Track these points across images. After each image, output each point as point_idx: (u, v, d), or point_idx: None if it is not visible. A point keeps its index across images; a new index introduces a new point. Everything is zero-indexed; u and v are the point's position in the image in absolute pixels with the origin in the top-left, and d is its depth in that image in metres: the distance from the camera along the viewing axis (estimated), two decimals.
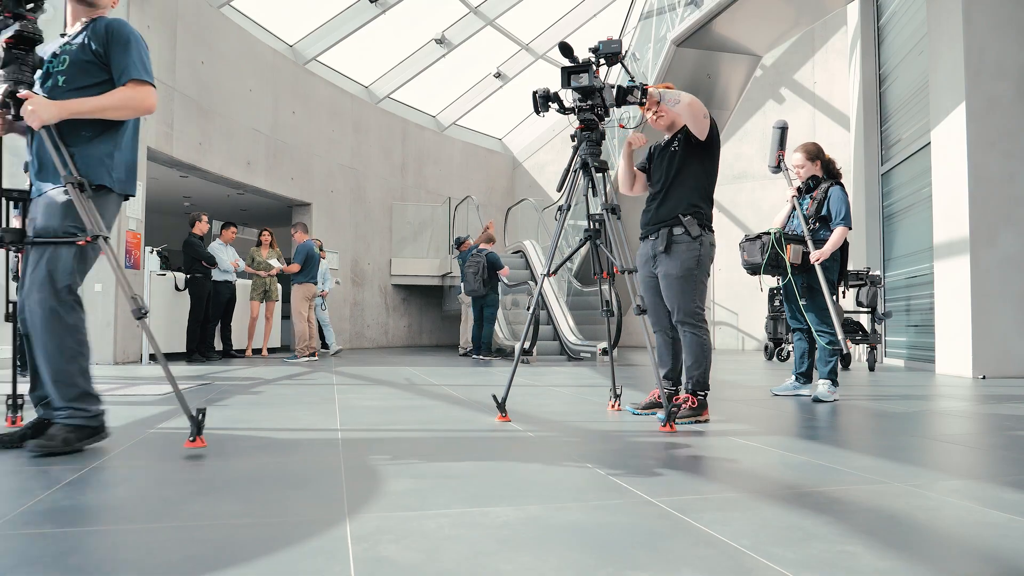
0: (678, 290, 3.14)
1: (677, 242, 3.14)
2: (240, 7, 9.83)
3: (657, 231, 3.22)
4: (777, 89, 12.77)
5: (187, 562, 1.23)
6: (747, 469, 2.10)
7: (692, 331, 3.16)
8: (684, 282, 3.13)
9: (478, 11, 12.64)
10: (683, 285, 3.13)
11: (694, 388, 3.14)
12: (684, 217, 3.13)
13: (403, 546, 1.33)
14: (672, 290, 3.16)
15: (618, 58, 3.09)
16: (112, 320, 6.87)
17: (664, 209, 3.20)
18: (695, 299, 3.14)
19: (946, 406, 3.93)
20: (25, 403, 2.62)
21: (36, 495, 1.68)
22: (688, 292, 3.13)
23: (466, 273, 8.77)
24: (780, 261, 4.13)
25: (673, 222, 3.16)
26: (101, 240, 2.21)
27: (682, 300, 3.14)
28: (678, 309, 3.16)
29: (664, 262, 3.18)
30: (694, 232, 3.11)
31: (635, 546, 1.35)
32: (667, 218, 3.18)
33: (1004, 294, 6.25)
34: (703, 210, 3.17)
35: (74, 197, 2.16)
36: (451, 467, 2.06)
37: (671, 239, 3.15)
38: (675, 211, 3.16)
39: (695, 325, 3.15)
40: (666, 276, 3.18)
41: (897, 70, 8.84)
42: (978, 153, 6.30)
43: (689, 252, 3.12)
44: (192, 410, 2.31)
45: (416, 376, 5.68)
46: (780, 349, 8.56)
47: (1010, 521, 1.54)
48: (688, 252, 3.12)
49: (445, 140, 14.71)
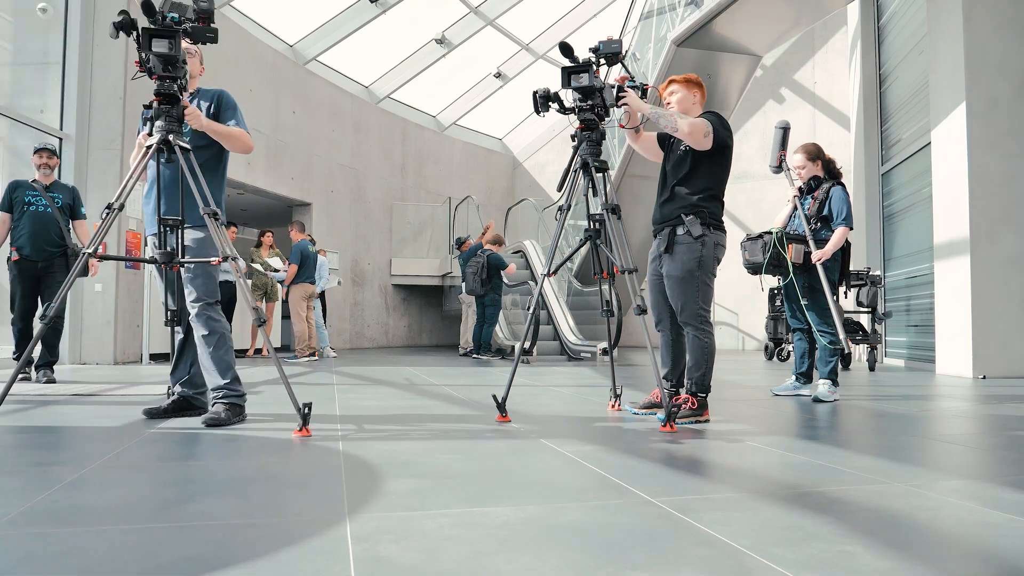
0: (679, 291, 3.13)
1: (678, 242, 3.13)
2: (240, 7, 9.83)
3: (662, 230, 3.22)
4: (777, 89, 12.77)
5: (187, 562, 1.23)
6: (747, 469, 2.10)
7: (694, 332, 3.15)
8: (685, 283, 3.12)
9: (478, 11, 12.64)
10: (684, 286, 3.12)
11: (695, 389, 3.13)
12: (686, 217, 3.11)
13: (403, 546, 1.33)
14: (674, 291, 3.16)
15: (618, 58, 3.09)
16: (112, 320, 6.87)
17: (668, 208, 3.20)
18: (698, 300, 3.12)
19: (946, 406, 3.93)
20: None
21: (36, 495, 1.68)
22: (690, 293, 3.11)
23: (466, 273, 8.79)
24: (782, 261, 4.13)
25: (676, 221, 3.15)
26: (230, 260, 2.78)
27: (684, 301, 3.13)
28: (681, 310, 3.16)
29: (666, 262, 3.18)
30: (696, 232, 3.09)
31: (635, 546, 1.34)
32: (670, 217, 3.18)
33: (1004, 294, 6.25)
34: (707, 209, 3.14)
35: (211, 226, 2.76)
36: (451, 467, 2.06)
37: (673, 239, 3.15)
38: (678, 211, 3.15)
39: (697, 327, 3.14)
40: (668, 277, 3.18)
41: (897, 70, 8.84)
42: (978, 153, 6.30)
43: (690, 253, 3.10)
44: (299, 404, 2.63)
45: (416, 376, 5.68)
46: (780, 349, 8.56)
47: (1010, 521, 1.54)
48: (688, 253, 3.10)
49: (445, 140, 14.71)
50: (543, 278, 3.36)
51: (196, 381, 3.09)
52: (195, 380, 3.09)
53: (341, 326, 11.76)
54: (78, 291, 6.78)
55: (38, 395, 3.87)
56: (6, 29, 7.33)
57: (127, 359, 7.06)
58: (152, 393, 3.99)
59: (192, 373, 3.09)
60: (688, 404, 3.10)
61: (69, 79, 6.83)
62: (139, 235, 7.24)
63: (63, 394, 3.92)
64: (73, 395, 3.88)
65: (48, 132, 6.68)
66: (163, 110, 2.75)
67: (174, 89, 2.75)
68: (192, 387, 3.09)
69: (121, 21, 2.59)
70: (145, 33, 2.63)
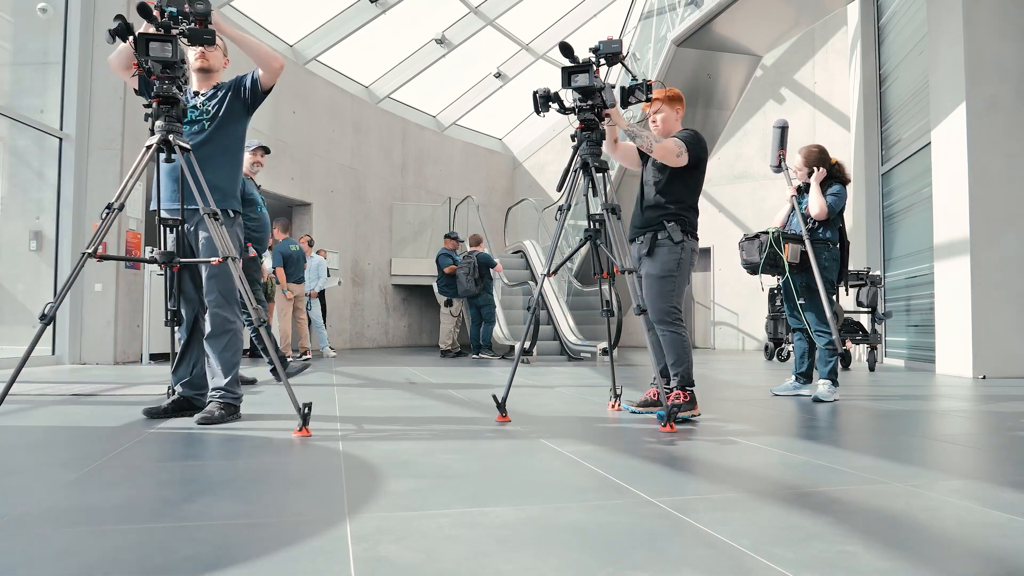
0: (656, 291, 3.25)
1: (660, 245, 3.27)
2: (240, 7, 9.84)
3: (643, 235, 3.33)
4: (777, 89, 12.76)
5: (187, 562, 1.23)
6: (747, 469, 2.10)
7: (668, 329, 3.26)
8: (663, 283, 3.24)
9: (478, 11, 12.64)
10: (661, 286, 3.24)
11: (682, 384, 3.22)
12: (668, 223, 3.25)
13: (403, 546, 1.33)
14: (651, 291, 3.27)
15: (618, 58, 3.10)
16: (112, 320, 6.87)
17: (650, 214, 3.32)
18: (671, 299, 3.25)
19: (946, 406, 3.93)
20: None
21: (36, 495, 1.68)
22: (665, 293, 3.24)
23: (458, 274, 8.86)
24: (778, 260, 4.14)
25: (657, 227, 3.28)
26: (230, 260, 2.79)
27: (658, 300, 3.25)
28: (653, 309, 3.26)
29: (646, 264, 3.30)
30: (676, 237, 3.23)
31: (635, 546, 1.34)
32: (652, 222, 3.29)
33: (1004, 294, 6.24)
34: (686, 218, 3.29)
35: (211, 226, 2.76)
36: (451, 467, 2.06)
37: (655, 243, 3.27)
38: (660, 217, 3.28)
39: (670, 323, 3.26)
40: (647, 276, 3.29)
41: (897, 70, 8.84)
42: (978, 153, 6.30)
43: (671, 255, 3.24)
44: (299, 404, 2.64)
45: (416, 376, 5.68)
46: (780, 349, 8.56)
47: (1011, 521, 1.54)
48: (670, 255, 3.24)
49: (445, 140, 14.71)
50: (543, 278, 3.38)
51: (197, 382, 3.10)
52: (195, 381, 3.10)
53: (341, 326, 11.76)
54: (78, 291, 6.78)
55: (38, 395, 3.87)
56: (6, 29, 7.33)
57: (127, 359, 7.06)
58: (152, 393, 3.99)
59: (193, 374, 3.10)
60: (682, 399, 3.17)
61: (69, 79, 6.82)
62: (139, 235, 7.24)
63: (63, 394, 3.92)
64: (73, 395, 3.88)
65: (48, 132, 6.68)
66: (163, 110, 2.76)
67: (173, 91, 2.76)
68: (192, 388, 3.11)
69: (117, 27, 2.58)
70: (142, 38, 2.63)
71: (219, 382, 2.95)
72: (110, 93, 6.94)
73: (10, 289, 7.08)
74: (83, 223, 6.79)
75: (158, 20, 2.62)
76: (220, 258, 2.78)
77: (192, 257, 3.01)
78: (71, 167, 6.77)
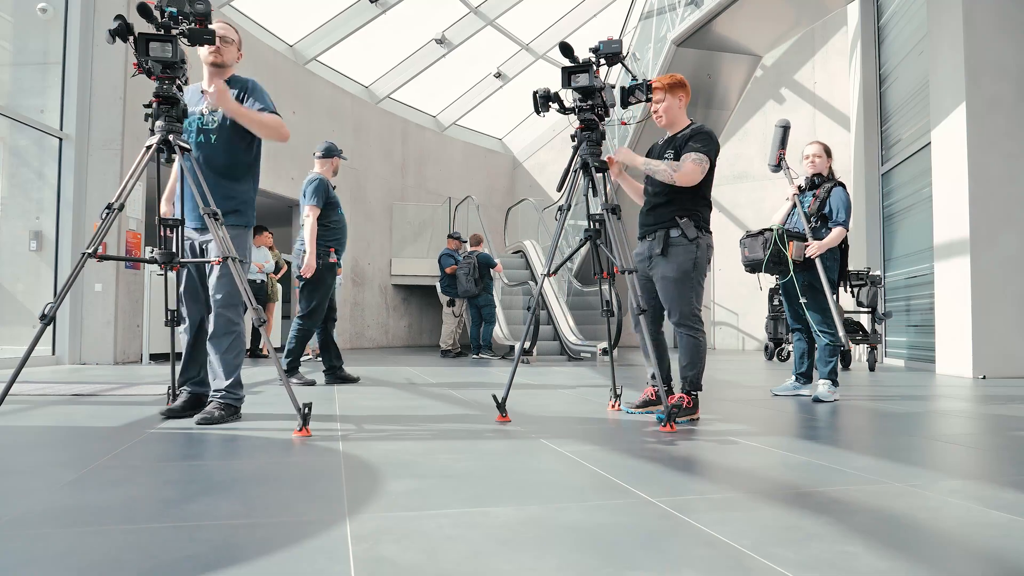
0: (675, 293, 3.16)
1: (674, 244, 3.17)
2: (240, 7, 9.83)
3: (654, 233, 3.24)
4: (777, 89, 12.76)
5: (187, 562, 1.23)
6: (747, 469, 2.10)
7: (689, 333, 3.19)
8: (681, 284, 3.15)
9: (478, 11, 12.64)
10: (680, 287, 3.15)
11: (689, 388, 3.17)
12: (681, 220, 3.15)
13: (403, 546, 1.33)
14: (669, 292, 3.18)
15: (618, 58, 3.09)
16: (112, 320, 6.87)
17: (662, 211, 3.22)
18: (692, 301, 3.17)
19: (946, 406, 3.93)
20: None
21: (36, 495, 1.68)
22: (685, 294, 3.15)
23: (458, 275, 8.89)
24: (782, 258, 4.13)
25: (670, 224, 3.18)
26: (232, 261, 2.78)
27: (679, 302, 3.16)
28: (675, 311, 3.18)
29: (661, 264, 3.20)
30: (691, 234, 3.13)
31: (635, 546, 1.34)
32: (664, 220, 3.20)
33: (1004, 294, 6.25)
34: (700, 212, 3.20)
35: (211, 226, 2.75)
36: (451, 467, 2.06)
37: (668, 241, 3.18)
38: (672, 213, 3.18)
39: (692, 327, 3.18)
40: (663, 279, 3.20)
41: (897, 70, 8.84)
42: (978, 153, 6.30)
43: (686, 255, 3.14)
44: (299, 404, 2.64)
45: (416, 376, 5.68)
46: (780, 349, 8.56)
47: (1011, 521, 1.54)
48: (685, 255, 3.14)
49: (445, 140, 14.71)
50: (543, 278, 3.37)
51: (208, 380, 3.14)
52: (207, 379, 3.15)
53: (341, 326, 11.73)
54: (78, 291, 6.78)
55: (38, 395, 3.87)
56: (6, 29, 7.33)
57: (127, 359, 7.06)
58: (152, 393, 3.99)
59: (202, 372, 3.15)
60: (684, 403, 3.12)
61: (69, 79, 6.82)
62: (139, 235, 7.24)
63: (63, 394, 3.92)
64: (73, 395, 3.88)
65: (48, 132, 6.68)
66: (163, 110, 2.77)
67: (173, 91, 2.77)
68: (204, 386, 3.16)
69: (117, 28, 2.58)
70: (141, 38, 2.63)
71: (220, 383, 2.97)
72: (110, 93, 6.94)
73: (10, 289, 7.08)
74: (83, 223, 6.79)
75: (158, 20, 2.62)
76: (220, 258, 2.78)
77: (199, 265, 3.05)
78: (71, 167, 6.77)
